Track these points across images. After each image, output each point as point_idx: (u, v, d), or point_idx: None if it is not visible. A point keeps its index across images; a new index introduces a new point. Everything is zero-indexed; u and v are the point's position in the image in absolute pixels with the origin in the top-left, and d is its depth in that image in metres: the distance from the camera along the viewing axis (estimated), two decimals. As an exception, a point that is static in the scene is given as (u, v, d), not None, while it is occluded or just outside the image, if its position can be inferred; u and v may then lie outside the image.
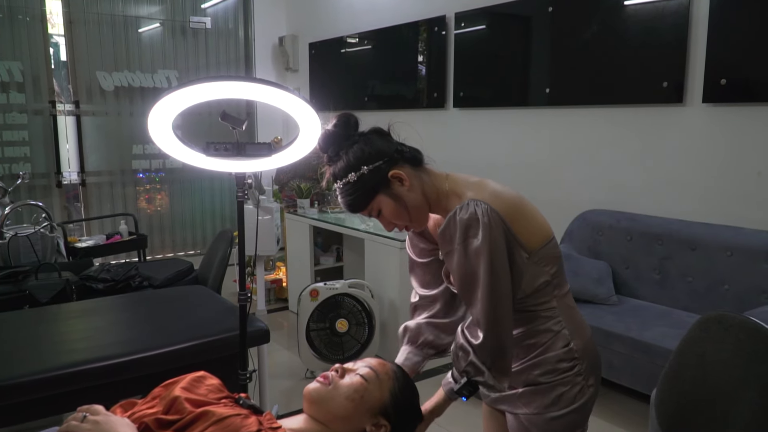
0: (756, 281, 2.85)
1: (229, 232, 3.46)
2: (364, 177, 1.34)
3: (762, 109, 2.96)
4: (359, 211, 1.40)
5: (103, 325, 2.40)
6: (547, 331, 1.40)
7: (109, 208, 5.58)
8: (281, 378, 3.47)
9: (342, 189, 1.37)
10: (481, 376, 1.32)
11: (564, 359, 1.39)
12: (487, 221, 1.26)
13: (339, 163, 1.37)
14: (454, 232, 1.29)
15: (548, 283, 1.38)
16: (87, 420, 1.04)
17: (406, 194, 1.37)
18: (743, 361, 1.40)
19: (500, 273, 1.27)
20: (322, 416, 1.22)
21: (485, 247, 1.26)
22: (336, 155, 1.38)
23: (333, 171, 1.39)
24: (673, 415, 1.60)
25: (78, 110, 5.39)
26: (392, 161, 1.36)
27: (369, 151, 1.35)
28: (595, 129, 3.71)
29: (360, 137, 1.39)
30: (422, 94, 4.92)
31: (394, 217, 1.39)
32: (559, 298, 1.41)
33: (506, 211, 1.31)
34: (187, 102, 1.54)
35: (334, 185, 1.39)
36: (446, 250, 1.34)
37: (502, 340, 1.30)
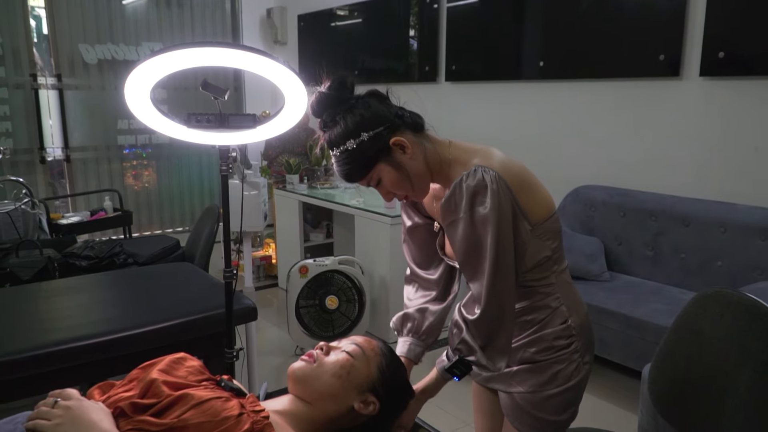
0: (749, 258, 2.82)
1: (216, 208, 3.40)
2: (364, 144, 1.24)
3: (760, 83, 2.91)
4: (357, 181, 1.30)
5: (86, 303, 2.34)
6: (545, 308, 1.35)
7: (96, 185, 5.48)
8: (271, 355, 3.44)
9: (339, 157, 1.27)
10: (473, 355, 1.27)
11: (561, 336, 1.35)
12: (495, 188, 1.19)
13: (335, 129, 1.26)
14: (460, 199, 1.22)
15: (549, 258, 1.33)
16: (58, 405, 0.99)
17: (408, 162, 1.28)
18: (739, 338, 1.38)
19: (506, 244, 1.22)
20: (308, 395, 1.18)
21: (493, 215, 1.19)
22: (332, 120, 1.27)
23: (328, 138, 1.28)
24: (667, 391, 1.58)
25: (60, 84, 5.26)
26: (393, 127, 1.27)
27: (368, 116, 1.26)
28: (589, 103, 3.65)
29: (357, 101, 1.28)
30: (414, 67, 4.83)
31: (394, 187, 1.31)
32: (558, 274, 1.36)
33: (513, 180, 1.24)
34: (167, 69, 1.46)
35: (330, 153, 1.29)
36: (450, 220, 1.26)
37: (501, 315, 1.25)
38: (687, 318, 1.54)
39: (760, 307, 1.34)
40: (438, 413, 2.72)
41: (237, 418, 1.01)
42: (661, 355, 1.60)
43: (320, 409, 1.17)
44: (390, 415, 1.26)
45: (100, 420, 0.97)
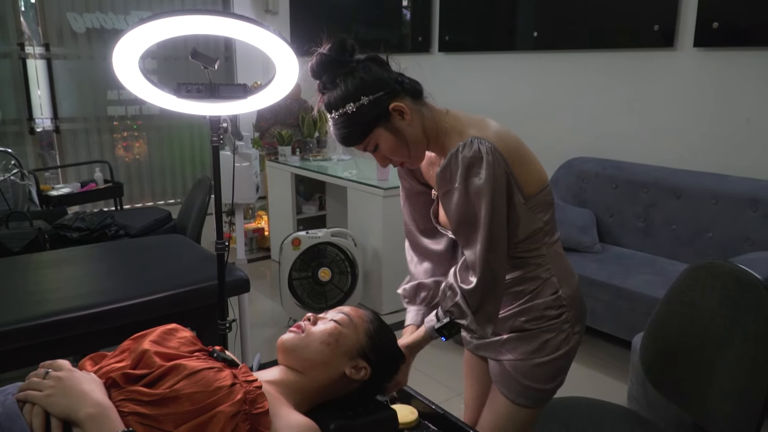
0: (740, 229, 2.84)
1: (208, 180, 3.37)
2: (363, 108, 1.23)
3: (753, 54, 2.89)
4: (354, 145, 1.30)
5: (76, 274, 2.33)
6: (535, 278, 1.36)
7: (86, 156, 5.42)
8: (264, 327, 3.45)
9: (337, 120, 1.26)
10: (464, 319, 1.29)
11: (552, 306, 1.36)
12: (491, 160, 1.20)
13: (335, 91, 1.25)
14: (456, 170, 1.23)
15: (540, 230, 1.33)
16: (49, 376, 0.99)
17: (407, 128, 1.28)
18: (730, 309, 1.39)
19: (500, 215, 1.23)
20: (299, 365, 1.18)
21: (488, 186, 1.20)
22: (331, 83, 1.26)
23: (327, 100, 1.26)
24: (658, 361, 1.60)
25: (48, 53, 5.17)
26: (393, 93, 1.27)
27: (369, 80, 1.25)
28: (582, 74, 3.63)
29: (358, 64, 1.27)
30: (407, 38, 4.78)
31: (391, 153, 1.30)
32: (549, 246, 1.36)
33: (508, 152, 1.24)
34: (156, 37, 1.43)
35: (328, 116, 1.29)
36: (445, 190, 1.26)
37: (494, 284, 1.26)
38: (679, 289, 1.55)
39: (751, 278, 1.35)
40: (430, 383, 2.75)
41: (230, 388, 1.01)
42: (653, 325, 1.62)
43: (312, 378, 1.18)
44: (382, 380, 1.27)
45: (92, 390, 0.97)
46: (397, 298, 3.64)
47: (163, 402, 0.97)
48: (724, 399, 1.37)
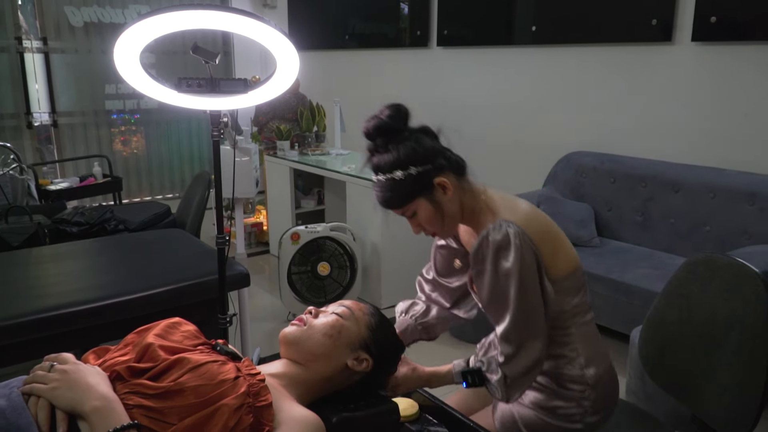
0: (738, 222, 2.85)
1: (207, 175, 3.38)
2: (410, 178, 1.28)
3: (751, 49, 2.90)
4: (392, 209, 1.35)
5: (76, 269, 2.34)
6: (561, 357, 1.37)
7: (84, 150, 5.42)
8: (263, 321, 3.46)
9: (383, 183, 1.31)
10: (494, 375, 1.30)
11: (575, 381, 1.36)
12: (518, 243, 1.24)
13: (385, 156, 1.30)
14: (486, 252, 1.27)
15: (566, 312, 1.35)
16: (55, 369, 1.00)
17: (447, 203, 1.32)
18: (728, 302, 1.40)
19: (531, 295, 1.26)
20: (302, 357, 1.19)
21: (516, 268, 1.23)
22: (384, 147, 1.31)
23: (377, 162, 1.31)
24: (656, 355, 1.61)
25: (46, 47, 5.16)
26: (440, 167, 1.31)
27: (420, 151, 1.29)
28: (581, 68, 3.63)
29: (411, 134, 1.32)
30: (405, 32, 4.77)
31: (427, 223, 1.34)
32: (579, 326, 1.38)
33: (537, 235, 1.28)
34: (156, 32, 1.44)
35: (374, 176, 1.34)
36: (477, 269, 1.31)
37: (531, 358, 1.28)
38: (677, 282, 1.56)
39: (748, 271, 1.36)
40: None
41: (233, 381, 1.02)
42: (652, 319, 1.63)
43: (314, 370, 1.19)
44: (384, 371, 1.28)
45: (97, 383, 0.98)
46: (395, 293, 3.67)
47: (168, 395, 0.97)
48: (722, 392, 1.38)
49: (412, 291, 1.68)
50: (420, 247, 3.66)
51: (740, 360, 1.35)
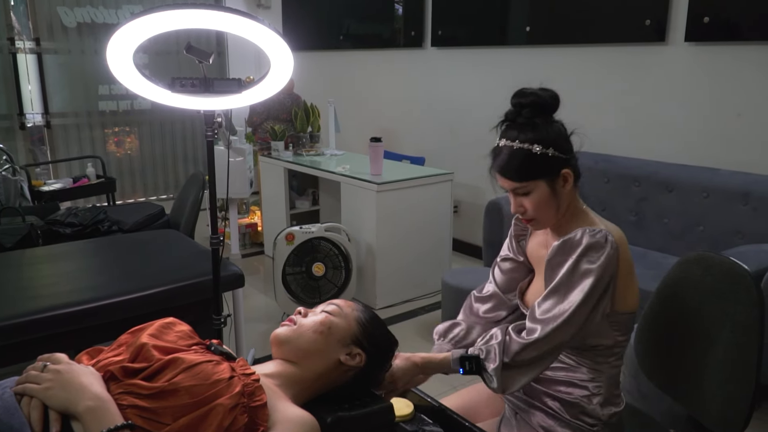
0: (731, 222, 2.86)
1: (201, 175, 3.37)
2: (546, 157, 1.30)
3: (744, 49, 2.91)
4: (513, 180, 1.33)
5: (70, 270, 2.32)
6: (583, 389, 1.38)
7: (77, 151, 5.40)
8: (258, 322, 3.46)
9: (515, 151, 1.31)
10: (491, 364, 1.30)
11: (590, 414, 1.37)
12: (611, 253, 1.27)
13: (529, 127, 1.32)
14: (576, 246, 1.28)
15: (607, 348, 1.36)
16: (48, 369, 0.99)
17: (561, 194, 1.35)
18: (720, 300, 1.40)
19: (590, 303, 1.26)
20: (293, 355, 1.19)
21: (596, 273, 1.25)
22: (529, 119, 1.33)
23: (517, 131, 1.32)
24: (651, 354, 1.61)
25: (39, 48, 5.14)
26: (569, 162, 1.35)
27: (561, 138, 1.34)
28: (575, 69, 3.64)
29: (558, 122, 1.37)
30: (399, 33, 4.78)
31: (536, 206, 1.34)
32: (611, 366, 1.39)
33: (623, 261, 1.31)
34: (149, 32, 1.43)
35: (503, 141, 1.34)
36: (557, 260, 1.31)
37: (541, 358, 1.29)
38: (671, 281, 1.56)
39: (739, 269, 1.37)
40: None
41: (228, 381, 1.02)
42: (646, 318, 1.63)
43: (307, 368, 1.19)
44: (378, 366, 1.27)
45: (91, 384, 0.97)
46: (391, 294, 3.67)
47: (162, 395, 0.97)
48: (715, 391, 1.38)
49: (406, 291, 1.68)
50: (415, 248, 3.67)
51: (731, 358, 1.35)
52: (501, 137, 1.35)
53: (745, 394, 1.31)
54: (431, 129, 4.66)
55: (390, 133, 4.96)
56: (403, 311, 3.55)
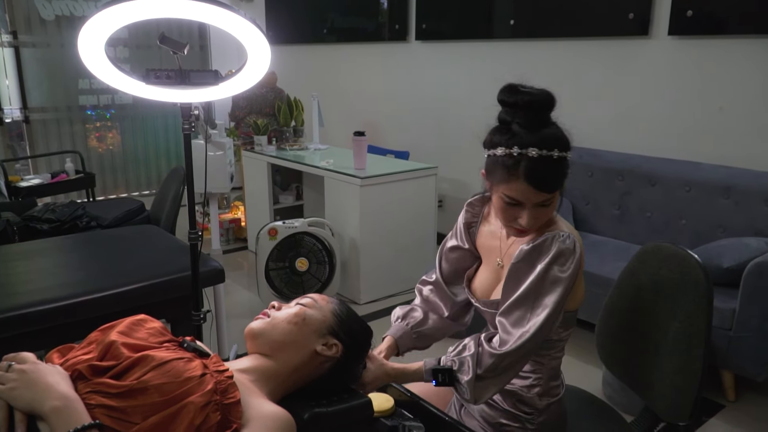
0: (713, 216, 2.87)
1: (182, 170, 3.32)
2: (568, 163, 1.26)
3: (726, 42, 2.92)
4: (546, 191, 1.23)
5: (47, 266, 2.28)
6: (524, 379, 1.38)
7: (57, 147, 5.32)
8: (241, 318, 3.42)
9: (561, 161, 1.24)
10: (465, 376, 1.28)
11: (526, 403, 1.37)
12: (578, 259, 1.25)
13: (557, 132, 1.25)
14: (546, 253, 1.24)
15: (550, 342, 1.35)
16: (13, 369, 0.96)
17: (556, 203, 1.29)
18: (672, 291, 1.40)
19: (557, 311, 1.25)
20: (268, 348, 1.17)
21: (567, 280, 1.23)
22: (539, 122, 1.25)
23: (554, 135, 1.24)
24: (610, 344, 1.62)
25: (16, 41, 5.05)
26: None
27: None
28: (559, 62, 3.64)
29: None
30: (383, 26, 4.75)
31: (545, 216, 1.28)
32: (552, 359, 1.38)
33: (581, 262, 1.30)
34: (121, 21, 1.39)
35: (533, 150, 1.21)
36: (524, 265, 1.26)
37: (513, 366, 1.27)
38: (629, 272, 1.57)
39: (691, 260, 1.36)
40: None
41: (200, 378, 0.99)
42: (607, 308, 1.64)
43: (283, 360, 1.16)
44: (355, 357, 1.26)
45: (57, 383, 0.94)
46: (375, 288, 3.65)
47: (131, 394, 0.94)
48: (665, 381, 1.38)
49: (390, 286, 1.66)
50: (399, 242, 3.65)
51: (679, 349, 1.35)
52: (527, 145, 1.21)
53: (693, 384, 1.31)
54: (415, 123, 4.64)
55: (374, 127, 4.93)
56: (388, 306, 3.53)
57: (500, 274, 1.39)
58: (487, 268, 1.45)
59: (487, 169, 1.31)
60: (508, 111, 1.28)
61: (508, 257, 1.36)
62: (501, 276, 1.38)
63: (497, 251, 1.42)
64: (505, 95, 1.30)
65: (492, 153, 1.27)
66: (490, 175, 1.29)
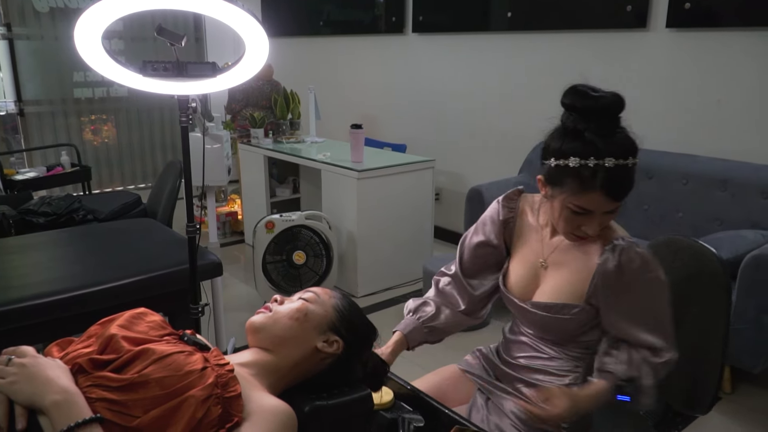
0: (710, 209, 2.88)
1: (179, 163, 3.31)
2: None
3: (724, 35, 2.92)
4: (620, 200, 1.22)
5: (43, 260, 2.27)
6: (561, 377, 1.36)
7: (52, 140, 5.29)
8: (238, 311, 3.42)
9: (628, 168, 1.20)
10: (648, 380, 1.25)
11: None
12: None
13: (627, 132, 1.22)
14: (637, 265, 1.23)
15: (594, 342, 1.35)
16: (13, 363, 0.95)
17: None
18: (687, 284, 1.41)
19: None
20: (269, 343, 1.16)
21: (666, 281, 1.25)
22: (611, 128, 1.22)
23: (627, 141, 1.21)
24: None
25: (10, 34, 5.01)
26: None
27: None
28: (556, 55, 3.63)
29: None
30: (380, 18, 4.73)
31: (609, 220, 1.28)
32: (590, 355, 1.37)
33: None
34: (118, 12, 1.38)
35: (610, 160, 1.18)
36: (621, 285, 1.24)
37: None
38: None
39: (707, 252, 1.37)
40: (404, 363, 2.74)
41: (201, 371, 0.99)
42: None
43: (283, 355, 1.16)
44: (356, 354, 1.25)
45: (58, 377, 0.94)
46: (372, 282, 3.65)
47: (132, 387, 0.94)
48: (682, 373, 1.39)
49: (388, 279, 1.66)
50: (396, 235, 3.65)
51: (698, 341, 1.36)
52: (604, 155, 1.17)
53: (711, 376, 1.31)
54: (412, 116, 4.63)
55: (371, 120, 4.92)
56: (385, 299, 3.53)
57: (542, 275, 1.37)
58: (522, 266, 1.42)
59: (550, 178, 1.26)
60: (577, 117, 1.23)
61: (554, 259, 1.35)
62: (543, 277, 1.37)
63: (538, 251, 1.39)
64: (575, 100, 1.24)
65: (561, 163, 1.22)
66: (556, 185, 1.24)
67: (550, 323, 1.34)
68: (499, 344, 1.56)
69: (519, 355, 1.45)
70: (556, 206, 1.26)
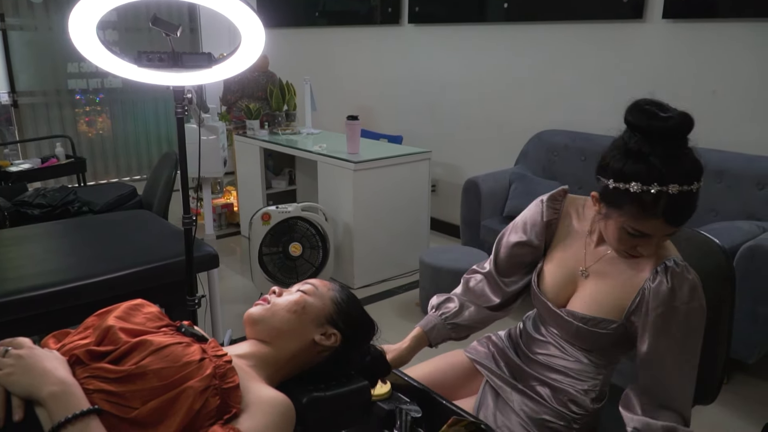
0: (705, 200, 2.87)
1: (174, 155, 3.30)
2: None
3: (721, 26, 2.92)
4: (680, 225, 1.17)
5: (38, 252, 2.26)
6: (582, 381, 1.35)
7: (46, 131, 5.26)
8: (235, 303, 3.42)
9: (690, 194, 1.14)
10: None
11: (578, 404, 1.35)
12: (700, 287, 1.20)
13: (693, 153, 1.14)
14: (686, 291, 1.18)
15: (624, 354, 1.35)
16: (9, 354, 0.95)
17: None
18: None
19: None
20: (266, 335, 1.16)
21: (704, 312, 1.19)
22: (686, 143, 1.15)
23: (693, 165, 1.14)
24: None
25: (4, 24, 4.97)
26: None
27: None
28: (552, 46, 3.62)
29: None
30: (376, 9, 4.70)
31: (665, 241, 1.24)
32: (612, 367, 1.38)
33: None
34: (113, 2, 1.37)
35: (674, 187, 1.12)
36: (669, 309, 1.18)
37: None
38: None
39: (711, 244, 1.38)
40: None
41: (198, 363, 0.99)
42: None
43: (281, 348, 1.16)
44: (354, 347, 1.25)
45: (55, 368, 0.94)
46: (369, 273, 3.65)
47: (130, 378, 0.94)
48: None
49: (384, 271, 1.65)
50: (393, 227, 3.65)
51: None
52: (669, 182, 1.11)
53: (715, 368, 1.32)
54: (409, 107, 4.62)
55: (367, 111, 4.91)
56: (381, 290, 3.54)
57: (580, 282, 1.34)
58: (560, 270, 1.38)
59: (607, 198, 1.20)
60: (642, 139, 1.16)
61: (597, 269, 1.32)
62: (581, 284, 1.34)
63: (580, 258, 1.36)
64: (640, 120, 1.17)
65: (621, 186, 1.15)
66: (614, 206, 1.19)
67: (583, 334, 1.31)
68: (518, 336, 1.53)
69: (540, 351, 1.43)
70: (611, 225, 1.22)
